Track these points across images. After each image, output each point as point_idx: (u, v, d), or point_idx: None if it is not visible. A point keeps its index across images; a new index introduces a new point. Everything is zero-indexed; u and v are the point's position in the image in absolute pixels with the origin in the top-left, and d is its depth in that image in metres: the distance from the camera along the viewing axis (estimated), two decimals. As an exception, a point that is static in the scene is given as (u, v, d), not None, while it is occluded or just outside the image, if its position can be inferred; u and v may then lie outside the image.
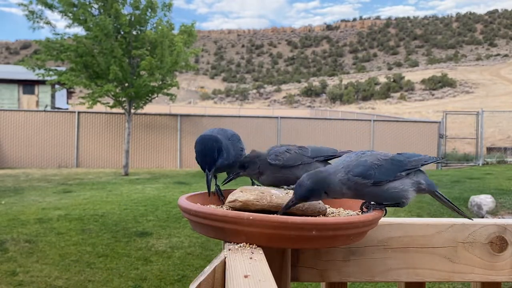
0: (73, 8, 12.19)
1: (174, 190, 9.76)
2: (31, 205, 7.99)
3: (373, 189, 0.98)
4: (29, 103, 22.90)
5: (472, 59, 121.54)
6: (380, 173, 0.98)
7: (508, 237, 1.15)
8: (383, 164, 0.99)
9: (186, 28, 13.59)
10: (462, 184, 10.41)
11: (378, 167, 0.98)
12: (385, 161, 1.00)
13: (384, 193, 0.99)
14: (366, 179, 0.96)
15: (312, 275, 1.12)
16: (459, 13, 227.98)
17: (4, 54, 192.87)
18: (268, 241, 0.85)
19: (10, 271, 4.86)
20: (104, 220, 6.93)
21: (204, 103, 75.14)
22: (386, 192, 0.99)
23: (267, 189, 0.98)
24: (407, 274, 1.13)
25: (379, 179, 0.97)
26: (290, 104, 68.28)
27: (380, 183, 0.98)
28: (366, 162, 0.98)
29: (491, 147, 18.71)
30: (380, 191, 0.99)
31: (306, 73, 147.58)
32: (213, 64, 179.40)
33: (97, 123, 14.91)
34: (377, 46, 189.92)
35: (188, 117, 15.76)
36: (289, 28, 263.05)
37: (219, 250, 1.20)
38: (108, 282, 4.67)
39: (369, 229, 0.97)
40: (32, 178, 11.81)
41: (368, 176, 0.97)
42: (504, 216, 7.59)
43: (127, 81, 12.75)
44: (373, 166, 0.98)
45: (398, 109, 48.60)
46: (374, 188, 0.98)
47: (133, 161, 14.64)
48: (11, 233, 6.12)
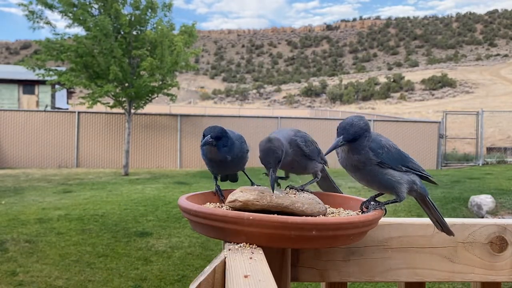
0: (73, 8, 12.18)
1: (174, 190, 9.76)
2: (31, 205, 7.99)
3: (375, 168, 1.02)
4: (29, 103, 22.89)
5: (472, 59, 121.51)
6: (387, 157, 1.03)
7: (508, 237, 1.15)
8: (392, 151, 1.04)
9: (186, 28, 13.58)
10: (462, 184, 10.41)
11: (388, 150, 1.04)
12: (394, 149, 1.05)
13: (382, 177, 1.03)
14: (375, 156, 1.01)
15: (312, 275, 1.12)
16: (459, 13, 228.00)
17: (4, 54, 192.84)
18: (268, 241, 0.85)
19: (10, 271, 4.86)
20: (104, 220, 6.93)
21: (204, 103, 75.14)
22: (384, 177, 1.03)
23: (267, 189, 0.98)
24: (407, 274, 1.13)
25: (384, 161, 1.02)
26: (290, 104, 68.27)
27: (383, 165, 1.02)
28: (381, 141, 1.04)
29: (491, 147, 18.69)
30: (379, 173, 1.02)
31: (306, 73, 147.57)
32: (213, 64, 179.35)
33: (97, 123, 14.91)
34: (377, 46, 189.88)
35: (188, 117, 15.75)
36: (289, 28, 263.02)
37: (219, 250, 1.20)
38: (108, 282, 4.66)
39: (369, 229, 0.97)
40: (32, 178, 11.80)
41: (377, 154, 1.01)
42: (504, 216, 7.58)
43: (127, 81, 12.74)
44: (384, 147, 1.03)
45: (398, 109, 48.60)
46: (376, 168, 1.02)
47: (133, 161, 14.64)
48: (11, 233, 6.12)
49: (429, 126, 16.16)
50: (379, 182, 1.04)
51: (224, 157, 1.12)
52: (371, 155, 1.01)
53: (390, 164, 1.03)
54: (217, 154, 1.12)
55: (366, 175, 1.04)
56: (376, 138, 1.04)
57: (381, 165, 1.02)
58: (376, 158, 1.01)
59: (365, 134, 1.00)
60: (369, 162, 1.01)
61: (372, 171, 1.02)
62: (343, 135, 0.98)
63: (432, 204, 1.09)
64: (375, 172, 1.02)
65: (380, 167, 1.02)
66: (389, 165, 1.03)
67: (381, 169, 1.02)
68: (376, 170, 1.02)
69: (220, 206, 1.09)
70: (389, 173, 1.03)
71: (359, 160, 1.01)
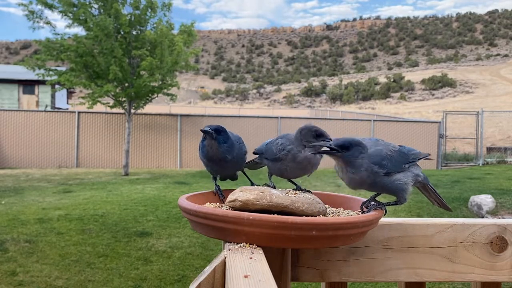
0: (73, 8, 12.18)
1: (174, 190, 9.76)
2: (31, 205, 7.99)
3: (383, 179, 1.01)
4: (29, 103, 22.89)
5: (472, 59, 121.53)
6: (392, 164, 1.02)
7: (508, 237, 1.15)
8: (394, 156, 1.03)
9: (185, 28, 13.58)
10: (462, 184, 10.41)
11: (390, 158, 1.02)
12: (395, 152, 1.04)
13: (392, 184, 1.02)
14: (381, 169, 1.00)
15: (312, 275, 1.12)
16: (459, 13, 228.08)
17: (4, 54, 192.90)
18: (268, 241, 0.85)
19: (10, 271, 4.86)
20: (104, 220, 6.93)
21: (204, 103, 75.18)
22: (393, 183, 1.02)
23: (267, 189, 0.98)
24: (407, 274, 1.13)
25: (391, 170, 1.01)
26: (290, 104, 68.30)
27: (390, 174, 1.01)
28: (382, 151, 1.02)
29: (491, 147, 18.68)
30: (389, 181, 1.02)
31: (306, 73, 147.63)
32: (213, 64, 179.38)
33: (97, 123, 14.90)
34: (377, 46, 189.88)
35: (188, 117, 15.75)
36: (289, 28, 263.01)
37: (219, 250, 1.20)
38: (108, 282, 4.66)
39: (369, 229, 0.97)
40: (32, 178, 11.80)
41: (383, 166, 1.00)
42: (504, 216, 7.58)
43: (127, 81, 12.73)
44: (386, 156, 1.02)
45: (398, 109, 48.60)
46: (385, 178, 1.01)
47: (133, 161, 14.63)
48: (11, 233, 6.12)
49: (429, 126, 16.15)
50: (389, 190, 1.04)
51: (224, 156, 1.12)
52: (375, 169, 1.00)
53: (396, 170, 1.02)
54: (217, 150, 1.12)
55: (374, 188, 1.03)
56: (376, 150, 1.02)
57: (388, 174, 1.01)
58: (382, 170, 1.00)
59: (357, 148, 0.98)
60: (376, 175, 1.00)
61: (381, 182, 1.01)
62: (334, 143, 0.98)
63: (432, 189, 1.11)
64: (384, 182, 1.02)
65: (388, 177, 1.02)
66: (395, 171, 1.02)
67: (389, 178, 1.02)
68: (385, 180, 1.01)
69: (220, 206, 1.09)
70: (397, 178, 1.03)
71: (362, 178, 1.00)
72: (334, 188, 10.06)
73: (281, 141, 1.16)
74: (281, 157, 1.14)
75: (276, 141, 1.18)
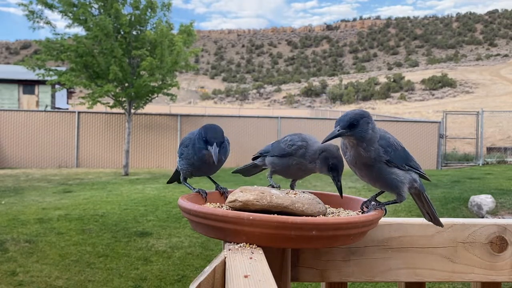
0: (73, 8, 12.18)
1: (174, 190, 9.75)
2: (31, 205, 7.99)
3: (382, 167, 1.02)
4: (29, 103, 22.89)
5: (472, 59, 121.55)
6: (394, 155, 1.03)
7: (508, 237, 1.15)
8: (399, 149, 1.04)
9: (185, 27, 13.58)
10: (462, 184, 10.41)
11: (395, 149, 1.03)
12: (400, 147, 1.05)
13: (388, 176, 1.02)
14: (385, 154, 1.01)
15: (312, 275, 1.12)
16: (459, 13, 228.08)
17: (4, 54, 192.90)
18: (268, 241, 0.85)
19: (10, 271, 4.86)
20: (104, 220, 6.93)
21: (204, 103, 75.18)
22: (390, 176, 1.03)
23: (267, 189, 0.98)
24: (407, 274, 1.13)
25: (392, 160, 1.02)
26: (290, 104, 68.29)
27: (390, 163, 1.02)
28: (389, 139, 1.03)
29: (491, 147, 18.67)
30: (386, 171, 1.02)
31: (306, 73, 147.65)
32: (213, 64, 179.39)
33: (97, 123, 14.90)
34: (377, 46, 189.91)
35: (188, 117, 15.75)
36: (289, 28, 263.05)
37: (219, 250, 1.20)
38: (108, 282, 4.66)
39: (369, 229, 0.97)
40: (32, 178, 11.80)
41: (387, 152, 1.01)
42: (504, 216, 7.58)
43: (127, 81, 12.73)
44: (393, 145, 1.03)
45: (398, 109, 48.60)
46: (384, 166, 1.02)
47: (133, 161, 14.63)
48: (11, 233, 6.12)
49: (429, 126, 16.15)
50: (384, 181, 1.03)
51: (220, 158, 1.11)
52: (381, 152, 1.00)
53: (396, 163, 1.03)
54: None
55: (373, 173, 1.03)
56: (385, 135, 1.03)
57: (388, 163, 1.02)
58: (385, 156, 1.01)
59: (364, 120, 0.98)
60: (379, 159, 1.01)
61: (380, 169, 1.02)
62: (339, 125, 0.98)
63: (427, 199, 1.10)
64: (382, 170, 1.02)
65: (388, 166, 1.02)
66: (395, 164, 1.02)
67: (388, 168, 1.02)
68: (383, 168, 1.02)
69: (220, 206, 1.09)
70: (395, 172, 1.03)
71: (370, 157, 1.00)
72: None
73: (290, 137, 1.18)
74: (291, 152, 1.15)
75: (284, 138, 1.19)
